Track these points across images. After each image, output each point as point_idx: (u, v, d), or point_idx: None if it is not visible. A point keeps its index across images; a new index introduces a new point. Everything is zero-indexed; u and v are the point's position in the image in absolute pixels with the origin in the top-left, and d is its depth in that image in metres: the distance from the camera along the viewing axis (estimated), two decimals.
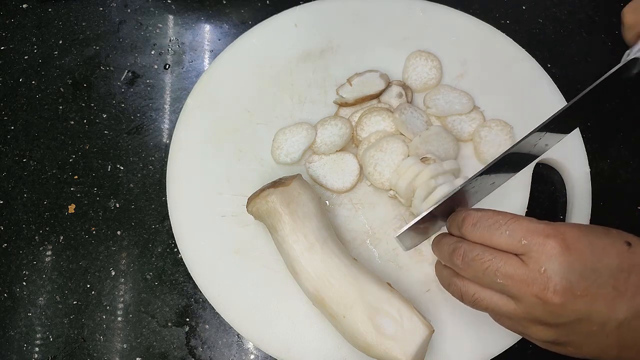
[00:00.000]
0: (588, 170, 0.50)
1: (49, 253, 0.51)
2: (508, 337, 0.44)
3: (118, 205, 0.52)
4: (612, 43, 0.58)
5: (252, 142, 0.51)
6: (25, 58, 0.58)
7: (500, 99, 0.52)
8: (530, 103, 0.52)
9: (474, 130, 0.51)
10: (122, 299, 0.49)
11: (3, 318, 0.49)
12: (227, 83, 0.53)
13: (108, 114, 0.55)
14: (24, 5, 0.60)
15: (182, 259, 0.48)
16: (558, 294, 0.31)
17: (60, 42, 0.59)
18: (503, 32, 0.55)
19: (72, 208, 0.52)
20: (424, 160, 0.46)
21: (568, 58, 0.57)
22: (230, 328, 0.48)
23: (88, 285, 0.50)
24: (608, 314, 0.31)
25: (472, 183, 0.38)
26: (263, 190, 0.43)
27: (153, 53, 0.58)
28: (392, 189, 0.48)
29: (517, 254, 0.33)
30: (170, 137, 0.52)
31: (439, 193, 0.42)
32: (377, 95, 0.52)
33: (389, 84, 0.52)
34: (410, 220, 0.38)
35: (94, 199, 0.52)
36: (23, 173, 0.53)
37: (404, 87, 0.52)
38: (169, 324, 0.48)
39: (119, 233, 0.51)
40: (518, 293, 0.32)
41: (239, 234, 0.48)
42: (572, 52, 0.58)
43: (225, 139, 0.52)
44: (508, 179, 0.44)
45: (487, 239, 0.34)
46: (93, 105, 0.56)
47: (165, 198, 0.50)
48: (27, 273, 0.50)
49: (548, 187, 0.52)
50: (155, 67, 0.58)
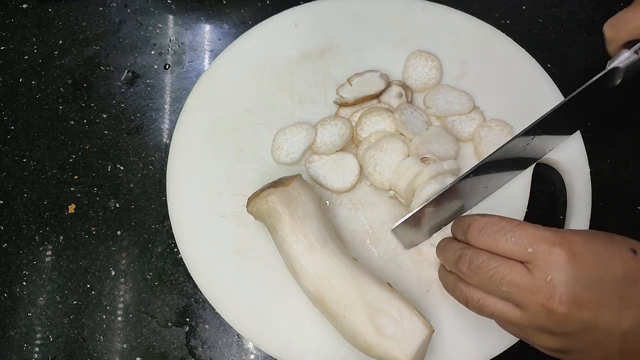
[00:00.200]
0: (588, 170, 0.50)
1: (49, 253, 0.51)
2: (508, 337, 0.44)
3: (118, 205, 0.52)
4: None
5: (252, 142, 0.51)
6: (25, 58, 0.58)
7: (500, 99, 0.52)
8: (530, 103, 0.52)
9: (474, 130, 0.51)
10: (122, 299, 0.49)
11: (3, 318, 0.49)
12: (227, 83, 0.53)
13: (108, 114, 0.55)
14: (24, 5, 0.60)
15: (182, 259, 0.48)
16: (564, 304, 0.31)
17: (60, 42, 0.59)
18: (503, 32, 0.55)
19: (72, 208, 0.52)
20: (424, 160, 0.46)
21: (568, 58, 0.57)
22: (230, 328, 0.48)
23: (88, 285, 0.50)
24: (613, 324, 0.31)
25: (464, 181, 0.38)
26: (263, 190, 0.43)
27: (153, 53, 0.58)
28: (392, 189, 0.48)
29: (522, 262, 0.33)
30: (170, 137, 0.52)
31: (430, 189, 0.43)
32: (377, 95, 0.52)
33: (389, 84, 0.52)
34: (404, 216, 0.39)
35: (94, 199, 0.52)
36: (23, 173, 0.53)
37: (404, 87, 0.52)
38: (169, 324, 0.48)
39: (119, 233, 0.51)
40: (523, 301, 0.32)
41: (239, 234, 0.48)
42: (572, 52, 0.58)
43: (225, 139, 0.52)
44: (505, 182, 0.44)
45: (492, 246, 0.34)
46: (93, 105, 0.56)
47: (165, 198, 0.50)
48: (27, 273, 0.50)
49: (548, 187, 0.52)
50: (155, 67, 0.58)
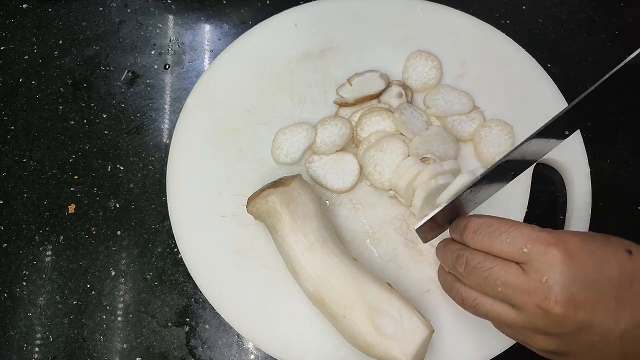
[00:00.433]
0: (588, 170, 0.50)
1: (49, 253, 0.51)
2: (508, 338, 0.44)
3: (118, 205, 0.52)
4: (612, 43, 0.58)
5: (252, 142, 0.51)
6: (25, 58, 0.58)
7: (500, 99, 0.52)
8: (530, 103, 0.52)
9: (474, 130, 0.51)
10: (122, 299, 0.49)
11: (3, 318, 0.49)
12: (227, 83, 0.53)
13: (108, 114, 0.55)
14: (24, 5, 0.60)
15: (182, 259, 0.48)
16: (559, 304, 0.30)
17: (60, 42, 0.59)
18: (503, 32, 0.55)
19: (72, 208, 0.52)
20: (424, 160, 0.46)
21: (568, 58, 0.57)
22: (230, 328, 0.48)
23: (88, 285, 0.50)
24: (610, 325, 0.31)
25: (489, 174, 0.37)
26: (263, 190, 0.43)
27: (153, 53, 0.58)
28: (392, 189, 0.48)
29: (518, 262, 0.32)
30: (170, 137, 0.52)
31: (460, 182, 0.38)
32: (377, 95, 0.52)
33: (389, 84, 0.52)
34: (431, 212, 0.36)
35: (94, 199, 0.52)
36: (23, 173, 0.53)
37: (404, 87, 0.52)
38: (169, 324, 0.48)
39: (119, 233, 0.51)
40: (519, 302, 0.32)
41: (239, 234, 0.48)
42: (572, 52, 0.58)
43: (225, 139, 0.52)
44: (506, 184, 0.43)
45: (488, 246, 0.34)
46: (93, 105, 0.56)
47: (165, 198, 0.50)
48: (27, 273, 0.50)
49: (548, 187, 0.52)
50: (155, 67, 0.58)
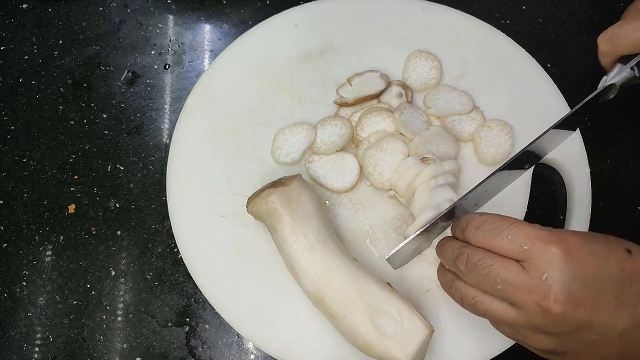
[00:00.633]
0: (588, 171, 0.50)
1: (49, 253, 0.51)
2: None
3: (118, 205, 0.52)
4: None
5: (252, 142, 0.51)
6: (25, 58, 0.58)
7: (500, 99, 0.52)
8: (530, 103, 0.52)
9: (474, 130, 0.51)
10: (122, 299, 0.49)
11: (3, 318, 0.49)
12: (227, 83, 0.53)
13: (108, 114, 0.55)
14: (24, 5, 0.60)
15: (182, 259, 0.48)
16: (559, 303, 0.30)
17: (60, 42, 0.59)
18: (503, 32, 0.55)
19: (72, 208, 0.52)
20: (424, 160, 0.46)
21: (568, 58, 0.57)
22: (230, 328, 0.48)
23: (88, 285, 0.50)
24: (609, 324, 0.31)
25: (456, 205, 0.38)
26: (263, 190, 0.43)
27: (153, 53, 0.58)
28: (392, 189, 0.48)
29: (518, 260, 0.33)
30: (170, 137, 0.52)
31: (425, 217, 0.40)
32: (377, 95, 0.52)
33: (389, 84, 0.52)
34: (400, 242, 0.38)
35: (94, 199, 0.52)
36: (23, 173, 0.53)
37: (404, 87, 0.52)
38: (169, 324, 0.48)
39: (119, 233, 0.51)
40: (518, 300, 0.32)
41: (239, 234, 0.48)
42: (572, 52, 0.58)
43: (225, 139, 0.52)
44: (507, 185, 0.44)
45: (489, 243, 0.34)
46: (93, 105, 0.56)
47: (165, 198, 0.50)
48: (27, 273, 0.50)
49: (548, 187, 0.52)
50: (155, 67, 0.58)
